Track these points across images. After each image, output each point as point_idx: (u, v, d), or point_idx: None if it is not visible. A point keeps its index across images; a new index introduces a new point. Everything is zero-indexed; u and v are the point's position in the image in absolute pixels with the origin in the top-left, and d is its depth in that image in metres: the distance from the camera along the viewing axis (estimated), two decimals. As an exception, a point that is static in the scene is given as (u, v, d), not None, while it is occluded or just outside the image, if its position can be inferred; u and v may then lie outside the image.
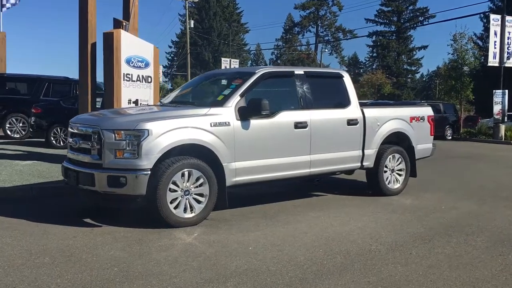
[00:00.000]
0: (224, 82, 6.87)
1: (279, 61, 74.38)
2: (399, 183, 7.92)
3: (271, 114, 6.33)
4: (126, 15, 10.12)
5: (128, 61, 9.46)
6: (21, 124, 14.57)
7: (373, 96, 51.65)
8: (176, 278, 4.08)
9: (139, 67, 9.69)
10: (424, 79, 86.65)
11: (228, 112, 6.01)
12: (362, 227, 5.86)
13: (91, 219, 5.93)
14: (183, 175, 5.64)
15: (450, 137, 23.21)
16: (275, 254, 4.78)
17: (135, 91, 9.53)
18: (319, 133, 6.79)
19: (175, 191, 5.61)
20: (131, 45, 9.50)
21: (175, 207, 5.62)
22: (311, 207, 6.94)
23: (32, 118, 12.86)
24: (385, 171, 7.71)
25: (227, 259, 4.60)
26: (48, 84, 14.88)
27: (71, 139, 6.03)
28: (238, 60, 36.42)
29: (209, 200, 5.85)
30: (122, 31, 9.37)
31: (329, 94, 7.31)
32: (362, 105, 7.61)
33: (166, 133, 5.53)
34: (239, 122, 6.05)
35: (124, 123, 5.60)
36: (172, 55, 72.59)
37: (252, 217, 6.24)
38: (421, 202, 7.43)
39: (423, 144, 8.29)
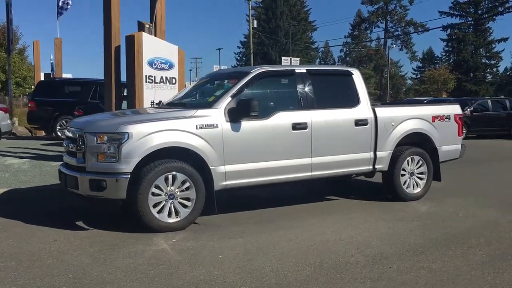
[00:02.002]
0: (222, 82, 6.69)
1: (347, 59, 72.94)
2: (420, 187, 7.35)
3: (267, 115, 6.09)
4: (153, 18, 10.19)
5: (151, 63, 9.50)
6: (70, 126, 15.17)
7: (435, 93, 49.12)
8: (122, 288, 3.96)
9: (163, 69, 9.71)
10: (508, 73, 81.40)
11: (216, 114, 5.82)
12: (355, 236, 5.46)
13: (83, 222, 5.95)
14: (166, 178, 5.52)
15: (519, 136, 21.53)
16: (242, 264, 4.53)
17: (158, 93, 9.54)
18: (321, 135, 6.43)
19: (159, 195, 5.50)
20: (154, 47, 9.54)
21: (159, 211, 5.51)
22: (314, 212, 6.60)
23: (75, 120, 13.32)
24: (403, 175, 7.19)
25: (189, 268, 4.41)
26: (95, 87, 15.38)
27: (64, 143, 6.09)
28: (298, 59, 36.01)
29: (196, 205, 5.69)
30: (144, 34, 9.42)
31: (335, 93, 6.93)
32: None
33: (147, 136, 5.42)
34: (228, 124, 5.83)
35: (105, 126, 5.56)
36: (240, 55, 73.26)
37: (243, 222, 6.01)
38: (439, 208, 6.85)
39: (449, 145, 7.65)
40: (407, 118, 7.20)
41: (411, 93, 63.70)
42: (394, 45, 65.80)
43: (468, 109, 20.38)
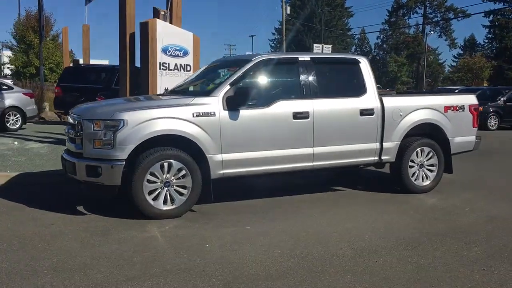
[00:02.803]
0: (224, 70, 6.63)
1: (384, 46, 71.51)
2: (429, 179, 7.13)
3: (267, 103, 6.02)
4: (170, 4, 10.20)
5: (165, 50, 9.53)
6: (95, 112, 15.42)
7: (470, 81, 47.47)
8: (101, 274, 3.98)
9: (177, 56, 9.73)
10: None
11: (214, 102, 5.78)
12: (350, 228, 5.35)
13: (84, 207, 6.03)
14: (162, 166, 5.53)
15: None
16: (227, 253, 4.51)
17: (172, 80, 9.54)
18: (324, 124, 6.31)
19: (154, 182, 5.52)
20: (168, 34, 9.56)
21: (154, 199, 5.54)
22: (315, 202, 6.50)
23: (98, 106, 13.52)
24: (411, 166, 6.99)
25: (172, 256, 4.42)
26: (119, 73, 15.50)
27: (66, 129, 6.18)
28: (330, 46, 35.35)
29: (192, 193, 5.69)
30: (158, 20, 9.44)
31: (340, 82, 6.78)
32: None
33: (142, 123, 5.44)
34: (226, 112, 5.79)
35: (101, 113, 5.61)
36: (274, 42, 72.85)
37: (241, 212, 5.98)
38: (446, 202, 6.64)
39: (462, 136, 7.37)
40: (417, 108, 6.98)
41: (449, 81, 62.12)
42: (432, 32, 64.02)
43: (502, 99, 19.74)
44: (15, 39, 38.23)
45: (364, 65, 6.77)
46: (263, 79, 6.26)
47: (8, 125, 13.72)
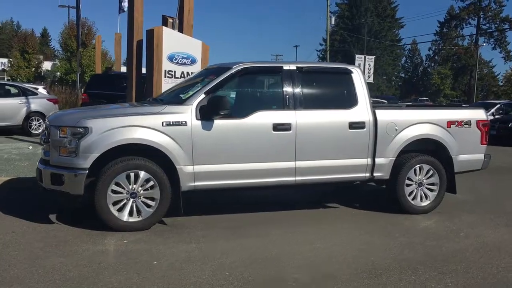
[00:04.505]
0: (205, 78, 6.37)
1: (436, 57, 69.42)
2: (429, 200, 6.58)
3: (245, 114, 5.72)
4: (181, 12, 10.08)
5: (171, 58, 9.38)
6: (119, 118, 15.53)
7: None
8: (27, 289, 3.80)
9: (184, 64, 9.55)
10: None
11: (187, 111, 5.52)
12: (320, 250, 4.95)
13: (56, 216, 5.90)
14: (128, 176, 5.32)
15: None
16: (171, 272, 4.23)
17: (178, 88, 9.42)
18: (307, 137, 5.92)
19: (120, 193, 5.32)
20: (176, 42, 9.40)
21: (119, 210, 5.33)
22: (300, 220, 6.10)
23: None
24: (409, 185, 6.47)
25: (111, 273, 4.18)
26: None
27: (41, 136, 6.09)
28: (373, 57, 34.30)
29: (160, 205, 5.45)
30: (165, 28, 9.32)
31: (329, 93, 6.38)
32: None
33: (108, 131, 5.25)
34: (199, 122, 5.52)
35: (67, 120, 5.46)
36: (322, 53, 72.20)
37: (214, 227, 5.67)
38: (442, 224, 6.09)
39: (468, 154, 6.78)
40: (415, 122, 6.47)
41: (493, 95, 59.36)
42: (485, 44, 61.48)
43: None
44: (61, 47, 39.71)
45: (357, 76, 6.35)
46: (242, 88, 5.97)
47: (31, 129, 14.02)
